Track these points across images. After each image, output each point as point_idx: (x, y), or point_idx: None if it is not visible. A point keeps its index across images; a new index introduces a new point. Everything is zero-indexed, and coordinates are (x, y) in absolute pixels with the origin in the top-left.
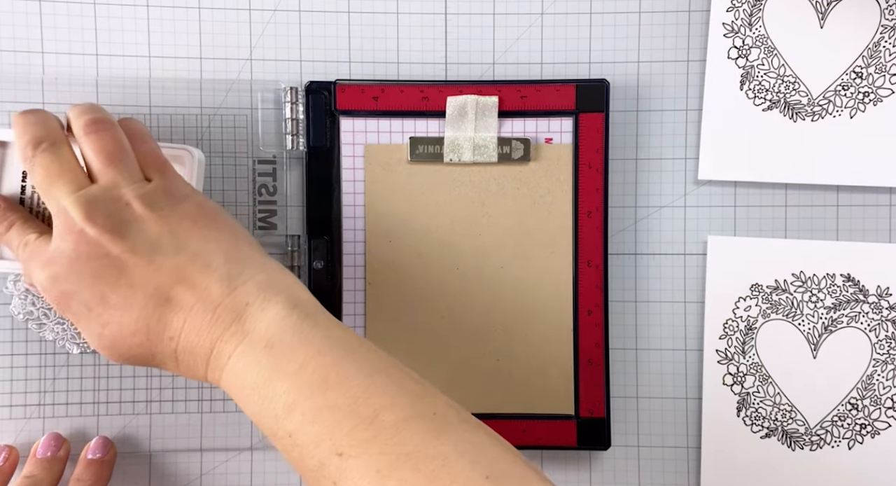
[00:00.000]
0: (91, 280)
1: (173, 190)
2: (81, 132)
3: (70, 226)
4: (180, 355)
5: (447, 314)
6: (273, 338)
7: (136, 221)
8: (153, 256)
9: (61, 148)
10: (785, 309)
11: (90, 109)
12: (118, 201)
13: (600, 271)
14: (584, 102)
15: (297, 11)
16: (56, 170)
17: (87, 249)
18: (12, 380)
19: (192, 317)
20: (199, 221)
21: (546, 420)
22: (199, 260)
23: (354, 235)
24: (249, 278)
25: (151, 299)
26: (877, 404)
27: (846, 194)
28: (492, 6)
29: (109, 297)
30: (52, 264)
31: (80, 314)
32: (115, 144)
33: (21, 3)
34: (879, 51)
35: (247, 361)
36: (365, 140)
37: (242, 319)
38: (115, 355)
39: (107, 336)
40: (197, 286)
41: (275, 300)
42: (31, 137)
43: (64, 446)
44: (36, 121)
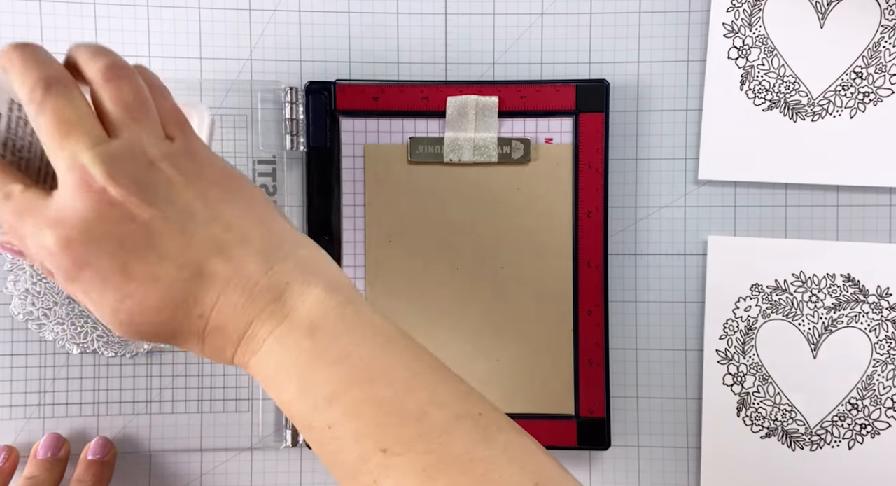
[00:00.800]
0: (112, 246)
1: (196, 151)
2: (100, 78)
3: (89, 184)
4: (209, 334)
5: (447, 314)
6: (315, 322)
7: (164, 185)
8: (185, 225)
9: (75, 92)
10: (785, 309)
11: (104, 51)
12: (142, 159)
13: (600, 271)
14: (584, 102)
15: (297, 11)
16: (72, 117)
17: (110, 211)
18: (12, 380)
19: (226, 293)
20: (230, 190)
21: (546, 420)
22: (235, 232)
23: (354, 236)
24: (289, 254)
25: (183, 271)
26: (877, 404)
27: (846, 194)
28: (492, 6)
29: (132, 267)
30: (63, 225)
31: (91, 284)
32: (137, 96)
33: (21, 3)
34: (879, 51)
35: (285, 344)
36: (365, 140)
37: (282, 298)
38: (131, 331)
39: (124, 311)
40: (233, 259)
41: (315, 282)
42: (39, 75)
43: (64, 446)
44: (41, 59)
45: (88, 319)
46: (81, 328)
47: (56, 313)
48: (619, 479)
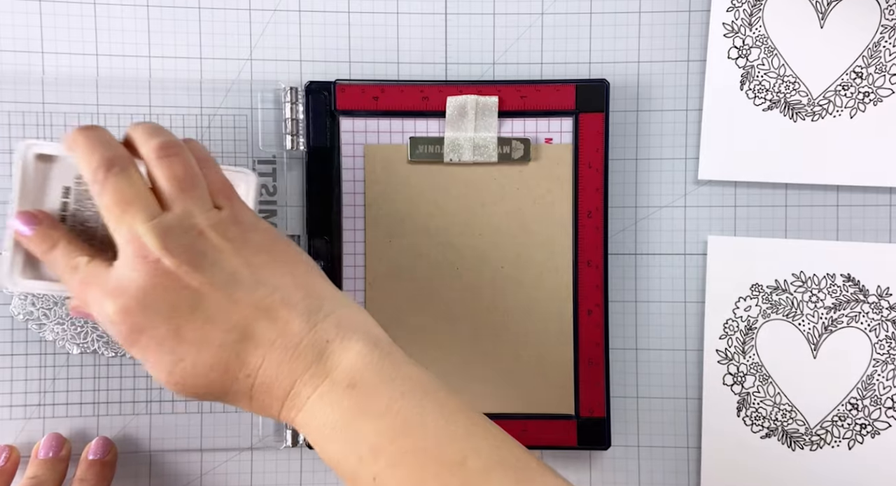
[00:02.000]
0: (166, 313)
1: (242, 219)
2: (153, 156)
3: (144, 254)
4: (256, 392)
5: (447, 314)
6: (355, 378)
7: (212, 252)
8: (232, 290)
9: (133, 171)
10: (785, 309)
11: (158, 131)
12: (193, 230)
13: (600, 271)
14: (584, 102)
15: (297, 11)
16: (130, 195)
17: (164, 280)
18: (12, 380)
19: (271, 354)
20: (274, 254)
21: (546, 420)
22: (279, 294)
23: (354, 236)
24: (329, 313)
25: (230, 334)
26: (877, 404)
27: (846, 194)
28: (492, 6)
29: (185, 331)
30: (122, 294)
31: (149, 349)
32: (187, 171)
33: (21, 3)
34: (879, 51)
35: (329, 400)
36: (365, 140)
37: (324, 357)
38: (186, 391)
39: (177, 373)
40: (278, 321)
41: (355, 338)
42: (102, 157)
43: (65, 446)
44: (103, 141)
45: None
46: (81, 328)
47: (56, 313)
48: (619, 479)
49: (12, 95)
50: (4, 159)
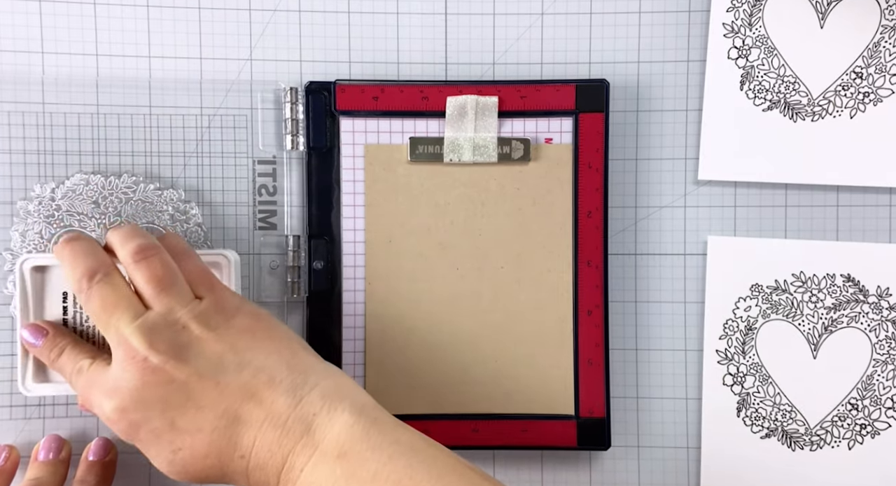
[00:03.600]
0: (160, 407)
1: (225, 304)
2: (130, 260)
3: (133, 355)
4: (251, 471)
5: (447, 314)
6: (344, 447)
7: (196, 343)
8: (218, 376)
9: (114, 277)
10: (785, 309)
11: (133, 234)
12: (176, 325)
13: (600, 271)
14: (583, 102)
15: (297, 11)
16: (113, 300)
17: (153, 377)
18: (12, 380)
19: (262, 433)
20: (256, 334)
21: (546, 420)
22: (264, 374)
23: (354, 236)
24: (314, 386)
25: (221, 419)
26: (877, 404)
27: (846, 194)
28: (492, 6)
29: (179, 422)
30: (117, 394)
31: (148, 442)
32: (164, 269)
33: (21, 3)
34: (879, 51)
35: (321, 472)
36: (365, 140)
37: (312, 430)
38: (188, 477)
39: (178, 462)
40: (264, 402)
41: (341, 408)
42: (84, 268)
43: (65, 447)
44: (84, 251)
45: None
46: None
47: None
48: (619, 479)
49: (12, 95)
50: (4, 160)
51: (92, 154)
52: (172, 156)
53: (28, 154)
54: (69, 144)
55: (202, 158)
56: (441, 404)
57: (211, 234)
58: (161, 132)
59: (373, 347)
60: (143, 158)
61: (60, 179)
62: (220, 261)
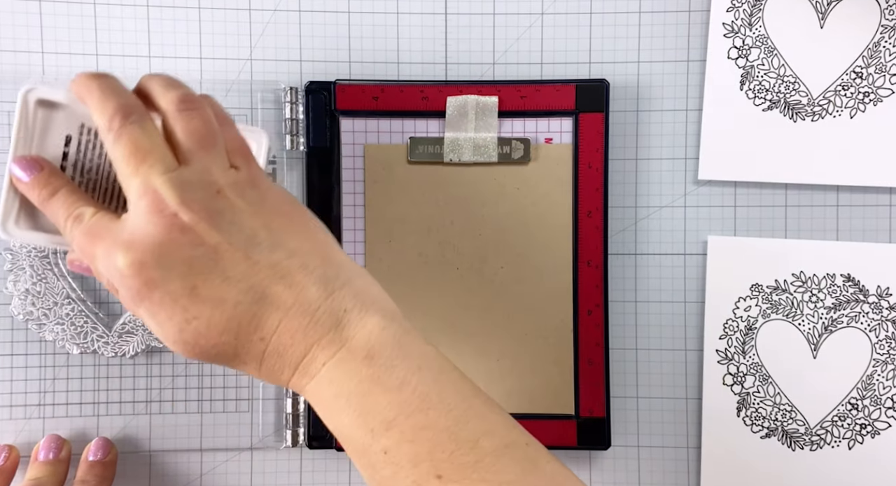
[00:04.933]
0: (182, 269)
1: (259, 181)
2: (174, 108)
3: (161, 208)
4: (267, 357)
5: (447, 314)
6: (374, 349)
7: (230, 212)
8: (250, 250)
9: (149, 122)
10: (785, 309)
11: (176, 83)
12: (211, 187)
13: (600, 270)
14: (583, 102)
15: (297, 11)
16: (147, 146)
17: (181, 236)
18: (12, 380)
19: (288, 318)
20: (292, 218)
21: (546, 420)
22: (297, 259)
23: (354, 236)
24: (346, 282)
25: (247, 294)
26: (877, 404)
27: (846, 194)
28: (492, 6)
29: (200, 290)
30: (135, 248)
31: (161, 305)
32: (207, 127)
33: (21, 3)
34: (879, 51)
35: (344, 370)
36: (365, 140)
37: (341, 325)
38: (195, 351)
39: (190, 331)
40: (294, 286)
41: (373, 310)
42: (118, 104)
43: (65, 447)
44: (118, 89)
45: (88, 319)
46: (81, 328)
47: (56, 313)
48: (619, 479)
49: (12, 95)
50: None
51: None
52: None
53: None
54: None
55: None
56: None
57: None
58: None
59: None
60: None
61: None
62: (251, 138)
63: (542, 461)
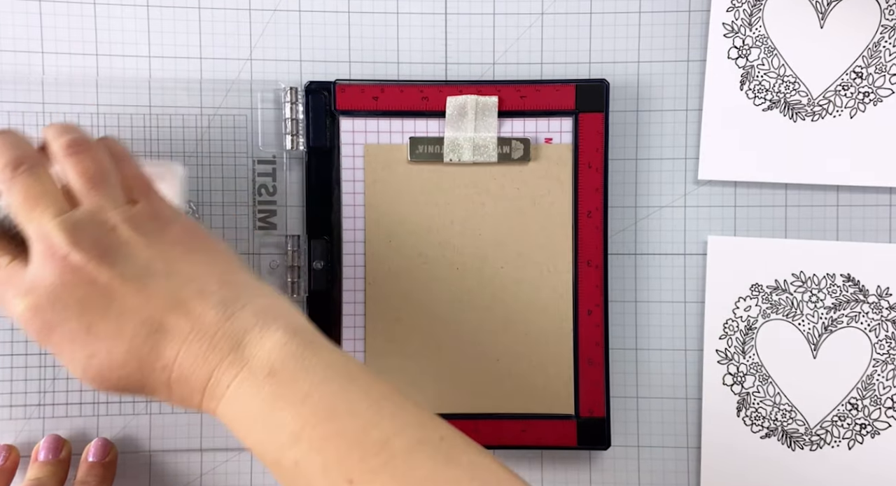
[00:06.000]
0: (77, 309)
1: (159, 213)
2: (62, 154)
3: (53, 251)
4: (174, 384)
5: (447, 314)
6: (275, 366)
7: (124, 246)
8: (144, 282)
9: (41, 169)
10: (785, 309)
11: (69, 130)
12: (104, 225)
13: (600, 270)
14: (583, 102)
15: (297, 11)
16: (38, 192)
17: (73, 276)
18: (12, 380)
19: (187, 345)
20: (190, 245)
21: (546, 420)
22: (194, 285)
23: (354, 235)
24: (247, 303)
25: (143, 327)
26: (877, 404)
27: (846, 194)
28: (492, 6)
29: (97, 326)
30: (32, 292)
31: (62, 346)
32: (97, 166)
33: (21, 3)
34: (879, 51)
35: (248, 389)
36: (365, 140)
37: (241, 346)
38: (103, 385)
39: (93, 367)
40: (192, 313)
41: (274, 327)
42: (9, 157)
43: (65, 447)
44: (12, 142)
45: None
46: None
47: None
48: (619, 479)
49: (12, 95)
50: None
51: None
52: (172, 156)
53: None
54: None
55: (202, 158)
56: (441, 403)
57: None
58: (161, 132)
59: (373, 347)
60: (143, 158)
61: None
62: (164, 172)
63: (459, 453)
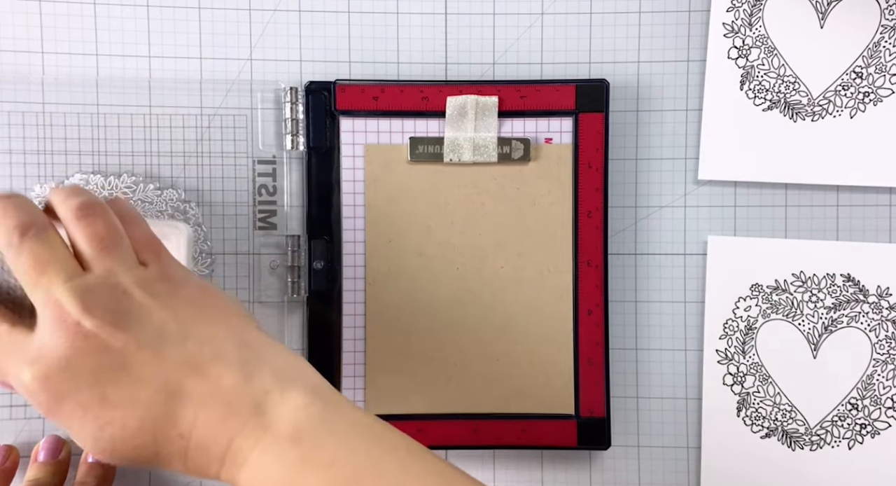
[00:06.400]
0: (91, 378)
1: (171, 274)
2: (72, 217)
3: (63, 318)
4: (191, 452)
5: (447, 314)
6: (299, 429)
7: (137, 310)
8: (159, 346)
9: (50, 234)
10: (785, 309)
11: (78, 192)
12: (116, 289)
13: (600, 270)
14: (583, 102)
15: (297, 11)
16: (46, 257)
17: (85, 343)
18: None
19: (205, 410)
20: (205, 307)
21: (546, 420)
22: (209, 348)
23: (354, 235)
24: (265, 363)
25: (159, 393)
26: (877, 404)
27: (846, 194)
28: (492, 6)
29: (111, 395)
30: (41, 361)
31: (73, 416)
32: (108, 229)
33: (21, 3)
34: (879, 51)
35: (272, 455)
36: (365, 140)
37: (262, 409)
38: (114, 457)
39: (105, 439)
40: (209, 377)
41: (294, 388)
42: (17, 222)
43: (65, 448)
44: (19, 205)
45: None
46: None
47: None
48: (619, 479)
49: (12, 95)
50: (4, 160)
51: (92, 154)
52: (172, 156)
53: (28, 154)
54: (69, 144)
55: (202, 158)
56: (441, 403)
57: (211, 233)
58: (161, 132)
59: (373, 347)
60: (143, 158)
61: (60, 179)
62: (169, 232)
63: None
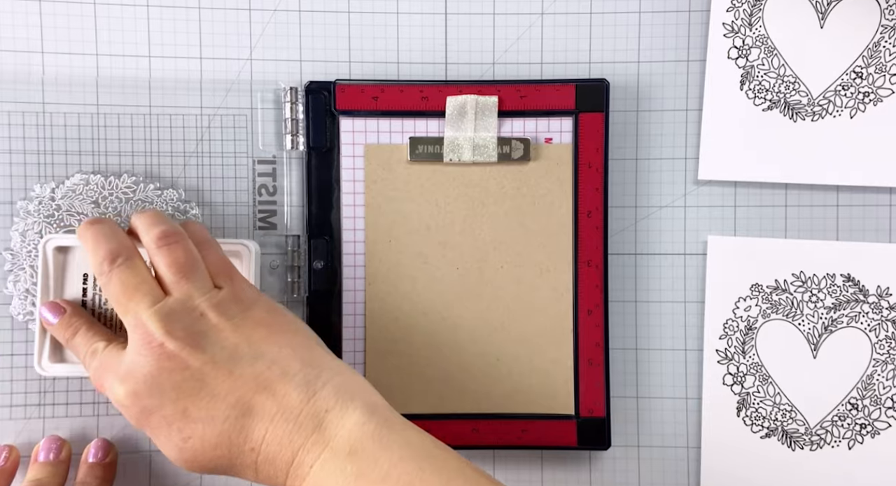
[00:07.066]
0: (173, 395)
1: (243, 296)
2: (153, 246)
3: (149, 340)
4: (260, 465)
5: (447, 314)
6: (355, 445)
7: (212, 332)
8: (233, 366)
9: (136, 261)
10: (785, 309)
11: (159, 220)
12: (193, 312)
13: (600, 270)
14: (583, 102)
15: (297, 11)
16: (133, 284)
17: (168, 363)
18: (12, 380)
19: (273, 426)
20: (272, 327)
21: (546, 420)
22: (277, 367)
23: (354, 235)
24: (326, 381)
25: (233, 409)
26: (877, 404)
27: (846, 194)
28: (492, 6)
29: (191, 410)
30: (131, 379)
31: (159, 429)
32: (186, 256)
33: (21, 3)
34: (879, 51)
35: (330, 469)
36: (365, 140)
37: (323, 426)
38: (195, 467)
39: (188, 450)
40: (277, 394)
41: (353, 406)
42: (106, 251)
43: (65, 448)
44: (107, 233)
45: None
46: None
47: None
48: (619, 479)
49: (12, 95)
50: (4, 160)
51: (92, 154)
52: (172, 156)
53: (28, 154)
54: (69, 144)
55: (202, 158)
56: (441, 403)
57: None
58: (161, 132)
59: (373, 347)
60: (143, 158)
61: (60, 179)
62: (240, 250)
63: None
